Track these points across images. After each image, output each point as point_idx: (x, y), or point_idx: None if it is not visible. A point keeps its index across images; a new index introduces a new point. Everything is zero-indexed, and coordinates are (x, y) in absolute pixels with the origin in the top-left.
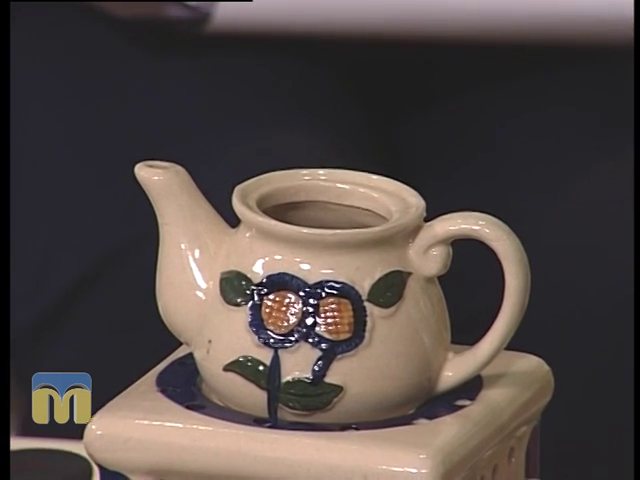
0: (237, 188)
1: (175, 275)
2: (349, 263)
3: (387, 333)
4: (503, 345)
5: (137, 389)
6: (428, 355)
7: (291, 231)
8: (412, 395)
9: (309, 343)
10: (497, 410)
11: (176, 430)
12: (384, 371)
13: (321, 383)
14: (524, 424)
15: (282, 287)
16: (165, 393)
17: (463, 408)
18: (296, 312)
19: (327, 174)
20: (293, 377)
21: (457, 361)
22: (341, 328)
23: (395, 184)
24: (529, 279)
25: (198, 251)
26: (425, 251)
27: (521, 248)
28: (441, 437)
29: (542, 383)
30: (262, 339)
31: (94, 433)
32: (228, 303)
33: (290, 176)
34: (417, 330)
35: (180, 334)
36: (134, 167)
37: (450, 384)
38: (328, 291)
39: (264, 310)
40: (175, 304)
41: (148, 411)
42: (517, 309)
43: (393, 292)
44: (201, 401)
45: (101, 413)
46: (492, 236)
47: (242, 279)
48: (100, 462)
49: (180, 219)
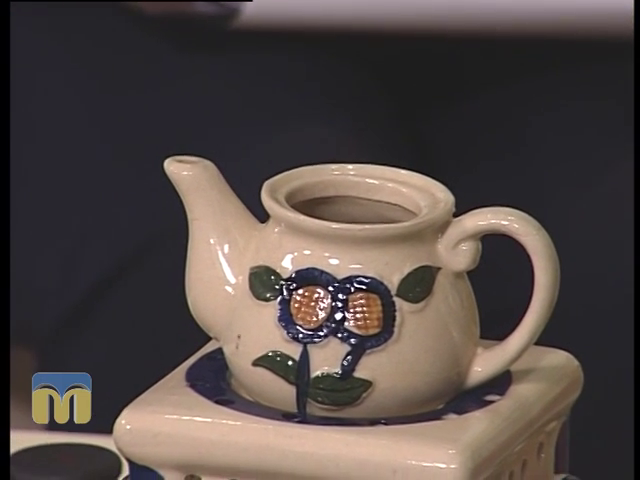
0: (266, 183)
1: (204, 270)
2: (378, 258)
3: (416, 328)
4: (532, 340)
5: (166, 384)
6: (457, 350)
7: (320, 226)
8: (441, 390)
9: (338, 338)
10: (526, 405)
11: (205, 425)
12: (413, 366)
13: (350, 378)
14: (553, 419)
15: (311, 282)
16: (194, 388)
17: (492, 403)
18: (325, 307)
19: (356, 169)
20: (322, 372)
21: (486, 356)
22: (370, 323)
23: (424, 179)
24: (559, 274)
25: (227, 246)
26: (454, 246)
27: (551, 243)
28: (470, 432)
29: (571, 378)
30: (291, 334)
31: (123, 427)
32: (257, 298)
33: (319, 171)
34: (446, 325)
35: (209, 329)
36: (163, 162)
37: (479, 379)
38: (357, 286)
39: (293, 305)
40: (204, 299)
41: (177, 406)
42: (546, 304)
43: (422, 287)
44: (230, 396)
45: (131, 407)
46: (521, 231)
47: (271, 274)
48: (129, 456)
49: (209, 214)
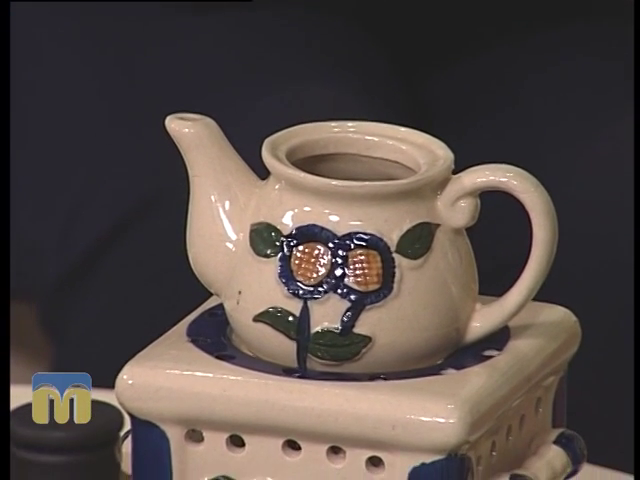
0: (267, 140)
1: (205, 227)
2: (378, 215)
3: (415, 284)
4: (531, 296)
5: (168, 339)
6: (456, 306)
7: (320, 183)
8: (440, 345)
9: (338, 294)
10: (524, 360)
11: (206, 380)
12: (412, 322)
13: (350, 334)
14: (551, 374)
15: (311, 239)
16: (195, 343)
17: (491, 358)
18: (325, 263)
19: (356, 126)
20: (322, 328)
21: (485, 312)
22: (370, 279)
23: (424, 136)
24: (556, 231)
25: (228, 203)
26: (453, 203)
27: (549, 200)
28: (469, 387)
29: (569, 334)
30: (291, 290)
31: (125, 382)
32: (258, 254)
33: (319, 128)
34: (445, 281)
35: (210, 285)
36: (164, 120)
37: (478, 335)
38: (357, 243)
39: (293, 261)
40: (205, 255)
41: (178, 361)
42: (544, 260)
43: (421, 244)
44: (231, 351)
45: (132, 363)
46: (520, 188)
47: (272, 231)
48: (131, 411)
49: (210, 171)
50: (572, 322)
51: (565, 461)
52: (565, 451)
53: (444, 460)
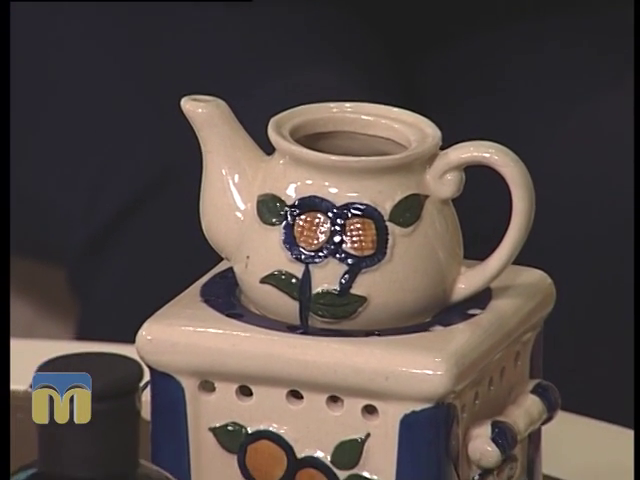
0: (272, 119)
1: (217, 198)
2: (372, 187)
3: (406, 250)
4: (510, 260)
5: (183, 299)
6: (443, 269)
7: (320, 158)
8: (429, 305)
9: (336, 259)
10: (505, 318)
11: (218, 336)
12: (404, 284)
13: (347, 294)
14: (529, 331)
15: (312, 208)
16: (208, 303)
17: (474, 316)
18: (325, 231)
19: (353, 107)
20: (322, 289)
21: (469, 274)
22: (365, 245)
23: (414, 116)
24: (534, 201)
25: (237, 176)
26: (441, 176)
27: (527, 173)
28: (454, 342)
29: (545, 294)
30: (294, 255)
31: (145, 338)
32: (264, 223)
33: (320, 109)
34: (433, 247)
35: (221, 250)
36: (180, 100)
37: (463, 295)
38: (353, 212)
39: (296, 229)
40: (217, 224)
41: (193, 319)
42: (523, 228)
43: (412, 213)
44: (240, 310)
45: (151, 321)
46: (501, 162)
47: (277, 201)
48: (150, 364)
49: (221, 147)
50: (547, 284)
51: (541, 409)
52: (541, 400)
53: (432, 408)
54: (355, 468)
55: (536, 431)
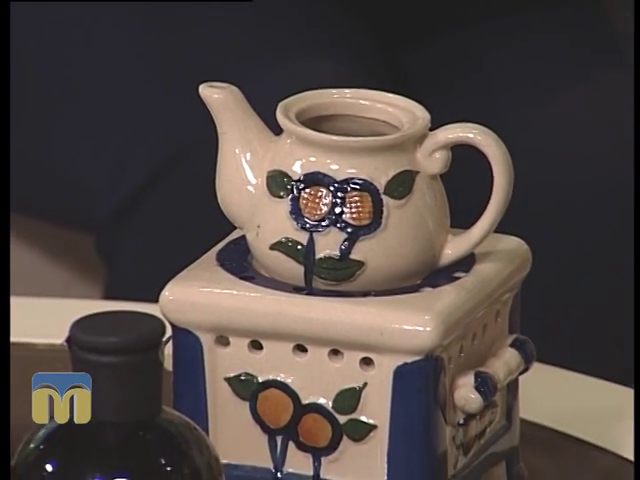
0: (280, 104)
1: (231, 174)
2: (369, 164)
3: (399, 220)
4: (492, 229)
5: (201, 264)
6: (432, 237)
7: (323, 138)
8: (419, 269)
9: (337, 228)
10: (486, 280)
11: (232, 296)
12: (397, 250)
13: (347, 259)
14: (508, 291)
15: (316, 183)
16: (223, 267)
17: (459, 279)
18: (327, 203)
19: (352, 93)
20: (325, 254)
21: (455, 242)
22: (363, 216)
23: (406, 100)
24: (512, 176)
25: (249, 154)
26: (430, 154)
27: (506, 152)
28: (442, 302)
29: (522, 259)
30: (300, 224)
31: (167, 298)
32: (273, 196)
33: (323, 94)
34: (423, 217)
35: (235, 220)
36: (199, 87)
37: (449, 260)
38: (352, 186)
39: (301, 201)
40: (231, 197)
41: (210, 281)
42: (503, 200)
43: (404, 187)
44: (252, 273)
45: (172, 282)
46: (483, 142)
47: (284, 176)
48: (171, 321)
49: (235, 129)
50: (524, 250)
51: (519, 360)
52: (519, 352)
53: (422, 360)
54: (354, 413)
55: (514, 380)
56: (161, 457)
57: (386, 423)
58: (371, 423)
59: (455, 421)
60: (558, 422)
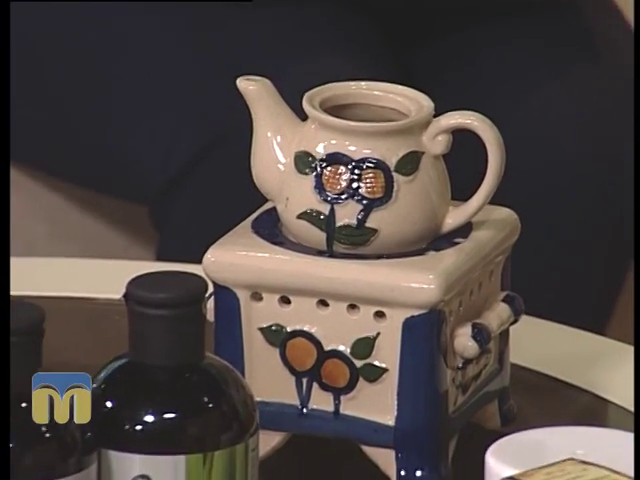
0: (306, 94)
1: (263, 154)
2: (382, 145)
3: (408, 193)
4: (486, 201)
5: (238, 230)
6: (435, 208)
7: (342, 124)
8: (424, 235)
9: (354, 200)
10: (482, 245)
11: (265, 258)
12: (406, 219)
13: (362, 227)
14: (500, 254)
15: (336, 162)
16: (257, 233)
17: (459, 244)
18: (346, 179)
19: (367, 85)
20: (343, 223)
21: (455, 212)
22: (376, 190)
23: (413, 91)
24: (504, 157)
25: (279, 137)
26: (434, 137)
27: (499, 136)
28: (444, 263)
29: (512, 227)
30: (322, 197)
31: (209, 260)
32: (299, 173)
33: (342, 86)
34: (428, 191)
35: (267, 194)
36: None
37: (450, 227)
38: (368, 165)
39: (324, 178)
40: (263, 173)
41: (246, 245)
42: (496, 177)
43: (412, 165)
44: (281, 239)
45: (214, 247)
46: (480, 127)
47: (309, 156)
48: (213, 279)
49: (267, 116)
50: (514, 219)
51: (509, 313)
52: (509, 306)
53: (427, 313)
54: (368, 358)
55: (505, 330)
56: (204, 396)
57: (396, 367)
58: (383, 367)
59: (455, 365)
60: (543, 366)
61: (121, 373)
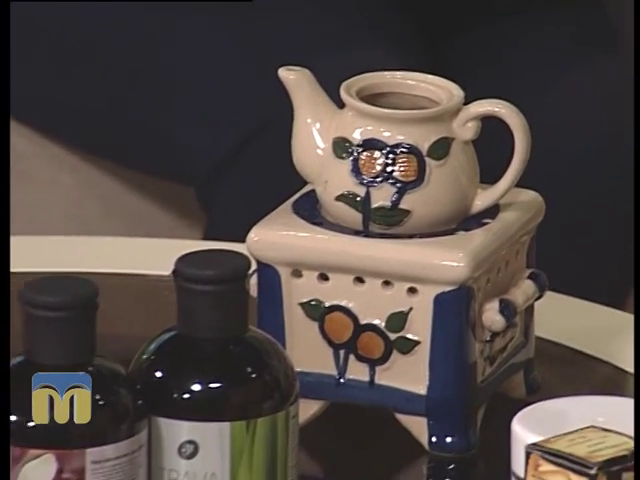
0: (343, 83)
1: (303, 140)
2: (415, 132)
3: (439, 177)
4: (513, 184)
5: (279, 212)
6: (465, 190)
7: (378, 111)
8: (455, 216)
9: (389, 183)
10: (508, 225)
11: (305, 237)
12: (437, 201)
13: (396, 209)
14: (526, 234)
15: (372, 147)
16: (297, 214)
17: (487, 224)
18: (381, 163)
19: (401, 74)
20: (379, 205)
21: (483, 194)
22: (409, 173)
23: (444, 81)
24: (530, 142)
25: (318, 124)
26: (463, 124)
27: (525, 122)
28: (473, 243)
29: (537, 208)
30: (359, 180)
31: (252, 239)
32: (337, 157)
33: (378, 76)
34: (458, 175)
35: (307, 177)
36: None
37: (479, 209)
38: (401, 150)
39: (360, 162)
40: (304, 158)
41: (287, 225)
42: (522, 161)
43: (443, 150)
44: (320, 219)
45: (257, 226)
46: (507, 114)
47: (346, 142)
48: (256, 257)
49: (306, 103)
50: (539, 201)
51: (534, 289)
52: (534, 283)
53: (457, 289)
54: (402, 332)
55: (530, 305)
56: (247, 366)
57: (428, 339)
58: (416, 339)
59: (483, 338)
60: (566, 339)
61: (170, 345)
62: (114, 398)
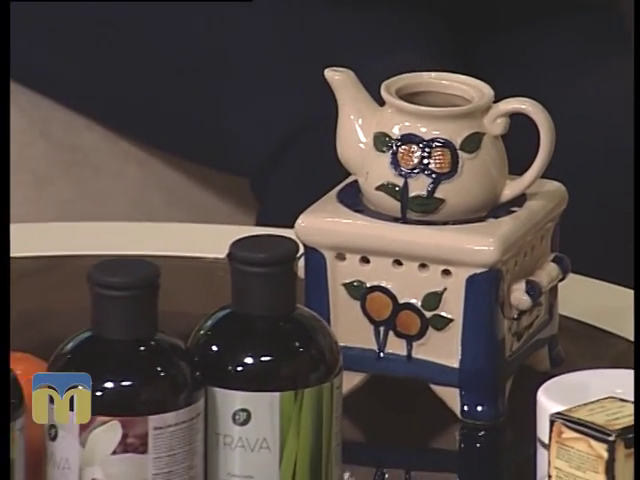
0: (383, 83)
1: (347, 134)
2: (449, 127)
3: (471, 168)
4: (539, 175)
5: (325, 200)
6: (495, 181)
7: (415, 109)
8: (485, 205)
9: (425, 174)
10: (534, 213)
11: (348, 224)
12: (469, 190)
13: (432, 197)
14: (550, 221)
15: (410, 141)
16: (342, 203)
17: (515, 212)
18: (417, 156)
19: (436, 75)
20: (416, 194)
21: (512, 184)
22: (444, 165)
23: (476, 81)
24: (554, 137)
25: (361, 120)
26: (493, 120)
27: (550, 119)
28: (502, 229)
29: (561, 197)
30: (398, 172)
31: (300, 225)
32: (378, 150)
33: (415, 76)
34: (488, 167)
35: (349, 168)
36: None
37: (507, 198)
38: (437, 144)
39: (399, 155)
40: (347, 151)
41: (332, 212)
42: (547, 154)
43: (475, 144)
44: (362, 207)
45: (305, 214)
46: (533, 111)
47: (386, 136)
48: (304, 242)
49: (350, 101)
50: (562, 191)
51: (558, 272)
52: (558, 266)
53: (487, 271)
54: (437, 310)
55: (554, 286)
56: (295, 341)
57: (460, 317)
58: (449, 317)
59: (511, 316)
60: (587, 317)
61: (225, 322)
62: (174, 370)
